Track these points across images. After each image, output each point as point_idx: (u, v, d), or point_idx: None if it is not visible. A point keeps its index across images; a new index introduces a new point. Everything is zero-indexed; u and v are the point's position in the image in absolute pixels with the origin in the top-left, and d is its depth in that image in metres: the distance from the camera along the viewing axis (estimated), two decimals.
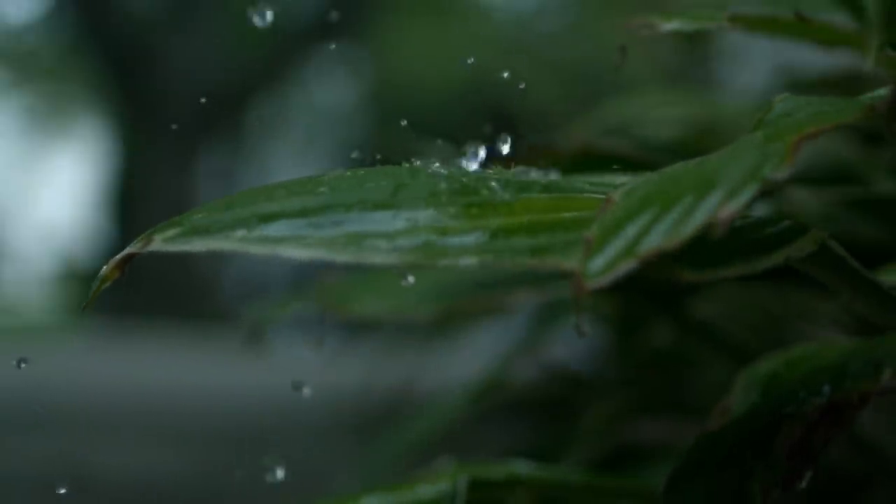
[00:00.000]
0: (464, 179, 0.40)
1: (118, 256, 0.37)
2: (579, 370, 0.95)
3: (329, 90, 8.11)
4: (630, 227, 0.35)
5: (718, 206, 0.34)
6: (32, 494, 1.49)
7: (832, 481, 0.64)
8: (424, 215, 0.37)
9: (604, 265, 0.34)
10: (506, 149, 0.49)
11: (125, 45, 6.99)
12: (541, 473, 0.56)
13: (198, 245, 0.36)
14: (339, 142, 8.06)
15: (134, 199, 7.02)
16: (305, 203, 0.37)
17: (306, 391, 0.55)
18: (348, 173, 0.40)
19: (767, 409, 0.45)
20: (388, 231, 0.36)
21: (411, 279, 0.56)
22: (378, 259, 0.35)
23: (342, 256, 0.35)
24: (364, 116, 8.37)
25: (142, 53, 6.91)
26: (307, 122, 8.49)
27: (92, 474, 1.62)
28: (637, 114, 0.83)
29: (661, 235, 0.34)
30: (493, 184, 0.40)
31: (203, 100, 6.85)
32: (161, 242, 0.36)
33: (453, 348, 1.16)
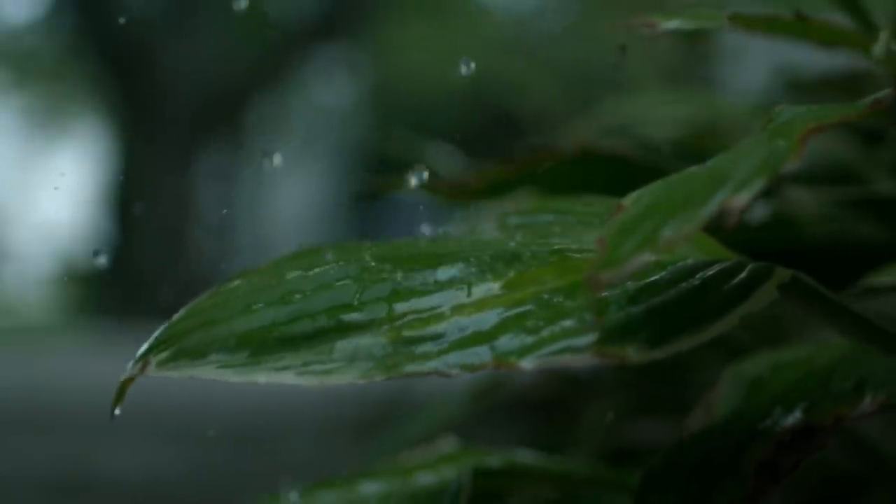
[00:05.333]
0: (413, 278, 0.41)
1: (123, 377, 0.41)
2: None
3: (329, 90, 8.11)
4: (644, 225, 0.35)
5: (729, 198, 0.34)
6: (33, 494, 1.49)
7: (832, 481, 0.64)
8: (384, 329, 0.39)
9: (620, 257, 0.34)
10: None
11: (125, 45, 6.99)
12: (543, 464, 0.56)
13: (185, 371, 0.39)
14: (339, 142, 8.06)
15: (134, 199, 7.02)
16: (278, 315, 0.40)
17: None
18: (317, 270, 0.42)
19: (743, 420, 0.45)
20: (351, 349, 0.38)
21: None
22: (344, 380, 0.37)
23: (311, 382, 0.37)
24: (364, 116, 8.37)
25: (141, 54, 6.90)
26: (307, 122, 8.49)
27: (92, 474, 1.62)
28: (637, 114, 0.83)
29: (675, 228, 0.34)
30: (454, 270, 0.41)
31: (202, 101, 6.85)
32: (155, 367, 0.40)
33: None
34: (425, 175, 0.54)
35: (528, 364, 0.36)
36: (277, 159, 0.63)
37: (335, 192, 8.22)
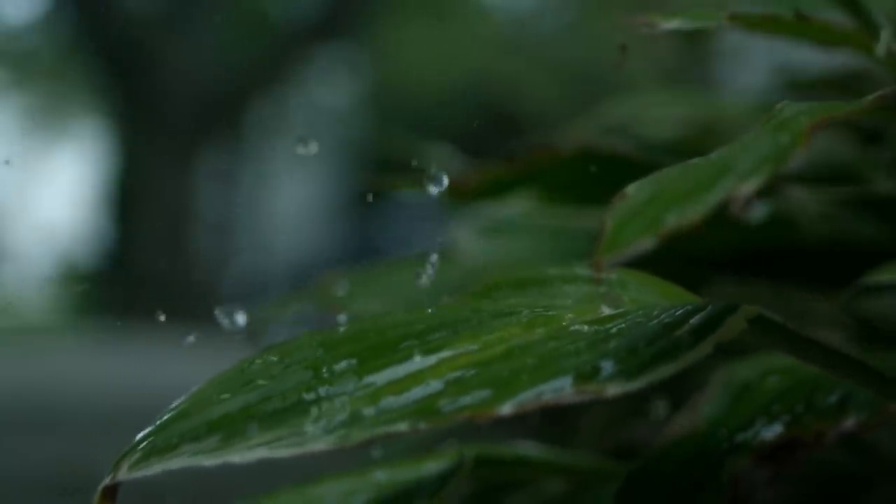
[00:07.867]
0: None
1: (101, 487, 0.40)
2: None
3: (329, 90, 8.11)
4: (647, 211, 0.35)
5: (733, 188, 0.34)
6: (33, 494, 1.49)
7: (832, 481, 0.64)
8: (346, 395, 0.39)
9: (622, 241, 0.34)
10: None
11: (125, 45, 6.99)
12: (547, 456, 0.56)
13: (157, 467, 0.39)
14: (340, 142, 8.06)
15: (134, 199, 7.02)
16: (248, 399, 0.40)
17: None
18: (282, 356, 0.42)
19: (725, 429, 0.45)
20: (324, 419, 0.38)
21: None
22: (318, 448, 0.37)
23: (284, 454, 0.37)
24: (364, 116, 8.37)
25: (141, 54, 6.91)
26: (307, 122, 8.48)
27: (92, 474, 1.62)
28: (637, 114, 0.83)
29: (679, 214, 0.34)
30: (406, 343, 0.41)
31: (202, 101, 6.85)
32: (127, 470, 0.40)
33: None
34: (445, 180, 0.54)
35: (506, 410, 0.36)
36: (313, 146, 0.63)
37: (335, 192, 8.22)
